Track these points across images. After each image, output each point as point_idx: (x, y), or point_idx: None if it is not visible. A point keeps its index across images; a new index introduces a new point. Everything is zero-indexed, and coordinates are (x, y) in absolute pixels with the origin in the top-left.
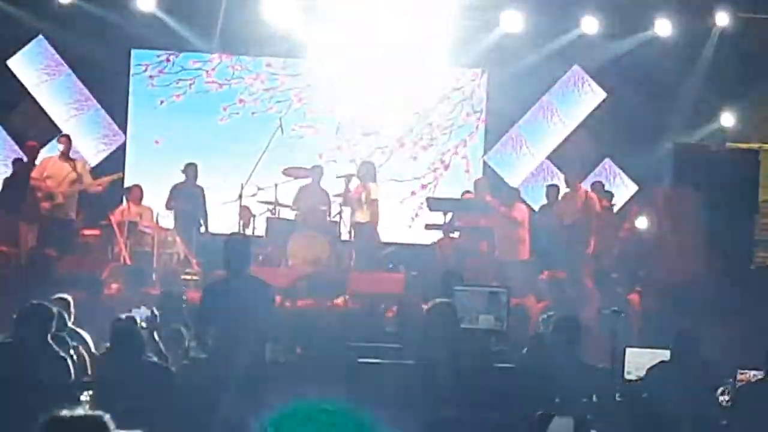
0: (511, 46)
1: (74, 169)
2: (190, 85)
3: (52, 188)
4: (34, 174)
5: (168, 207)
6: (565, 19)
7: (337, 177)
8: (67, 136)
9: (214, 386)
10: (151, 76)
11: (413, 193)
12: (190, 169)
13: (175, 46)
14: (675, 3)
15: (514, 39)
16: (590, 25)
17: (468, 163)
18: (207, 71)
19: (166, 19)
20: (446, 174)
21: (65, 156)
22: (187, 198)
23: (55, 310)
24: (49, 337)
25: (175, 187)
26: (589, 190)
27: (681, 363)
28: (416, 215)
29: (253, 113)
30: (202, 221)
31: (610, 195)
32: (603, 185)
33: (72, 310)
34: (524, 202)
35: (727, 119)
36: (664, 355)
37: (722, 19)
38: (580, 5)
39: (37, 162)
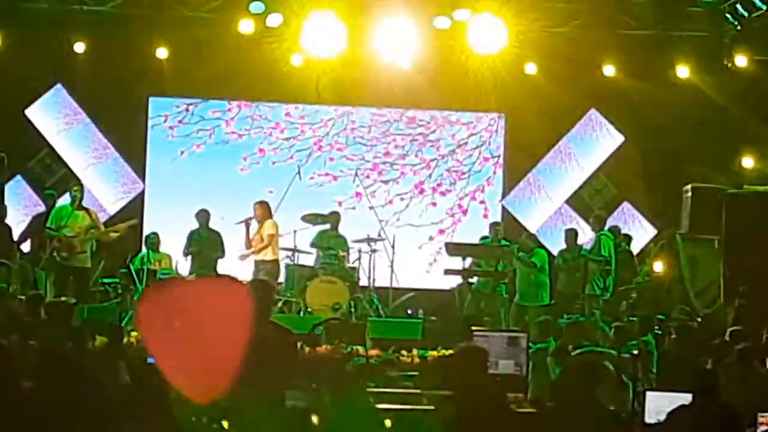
0: (529, 90)
1: (89, 217)
2: (210, 134)
3: (68, 239)
4: (49, 224)
5: (185, 253)
6: (584, 62)
7: (236, 223)
8: (80, 185)
9: None
10: (171, 127)
11: (431, 238)
12: (201, 215)
13: (193, 93)
14: (693, 46)
15: (533, 83)
16: (610, 68)
17: (486, 208)
18: (226, 121)
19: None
20: (464, 219)
21: (79, 205)
22: (203, 243)
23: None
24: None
25: (191, 234)
26: (608, 234)
27: (701, 406)
28: (434, 260)
29: (273, 162)
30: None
31: (629, 238)
32: (620, 229)
33: None
34: (543, 246)
35: (746, 162)
36: (685, 398)
37: (740, 61)
38: (599, 49)
39: (52, 211)
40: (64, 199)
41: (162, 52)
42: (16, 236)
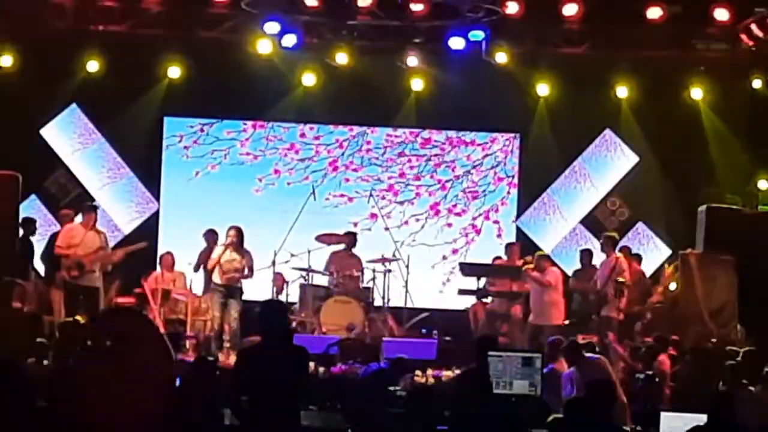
0: (544, 111)
1: (100, 237)
2: (225, 155)
3: (79, 257)
4: (60, 243)
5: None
6: (597, 83)
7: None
8: (93, 206)
9: None
10: (185, 147)
11: (444, 257)
12: (208, 235)
13: (207, 113)
14: (709, 67)
15: (547, 103)
16: (624, 89)
17: (500, 228)
18: (241, 141)
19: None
20: (477, 238)
21: (91, 225)
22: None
23: None
24: None
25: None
26: (620, 255)
27: (716, 427)
28: (447, 280)
29: (288, 183)
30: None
31: (639, 258)
32: (630, 249)
33: None
34: (558, 266)
35: (761, 183)
36: (700, 419)
37: (756, 82)
38: (614, 69)
39: (63, 230)
40: (78, 219)
41: (176, 72)
42: (36, 255)
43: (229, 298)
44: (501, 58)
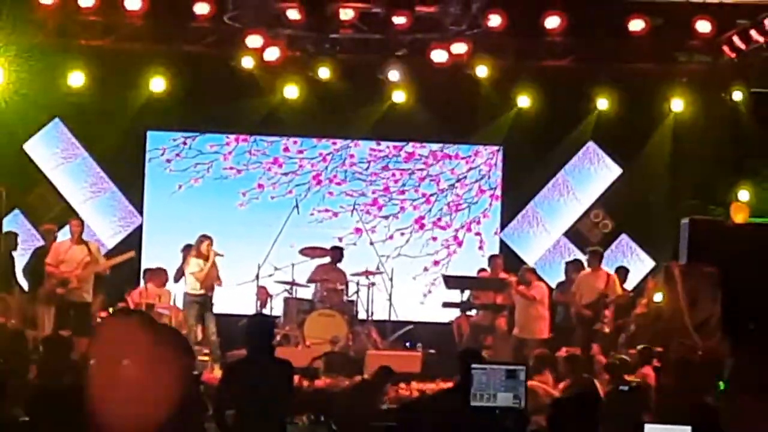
0: (527, 123)
1: (88, 251)
2: (208, 168)
3: (66, 273)
4: (48, 260)
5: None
6: (580, 96)
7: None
8: (79, 220)
9: None
10: (168, 160)
11: (426, 269)
12: (186, 250)
13: (190, 127)
14: (690, 79)
15: (530, 116)
16: (606, 101)
17: (481, 240)
18: (224, 155)
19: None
20: (459, 250)
21: (78, 239)
22: None
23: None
24: None
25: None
26: (611, 271)
27: None
28: (429, 291)
29: (272, 197)
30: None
31: (625, 271)
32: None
33: None
34: (542, 279)
35: (743, 194)
36: (684, 431)
37: (737, 94)
38: (597, 82)
39: (52, 246)
40: (64, 233)
41: (159, 86)
42: (18, 269)
43: (205, 310)
44: (483, 71)
